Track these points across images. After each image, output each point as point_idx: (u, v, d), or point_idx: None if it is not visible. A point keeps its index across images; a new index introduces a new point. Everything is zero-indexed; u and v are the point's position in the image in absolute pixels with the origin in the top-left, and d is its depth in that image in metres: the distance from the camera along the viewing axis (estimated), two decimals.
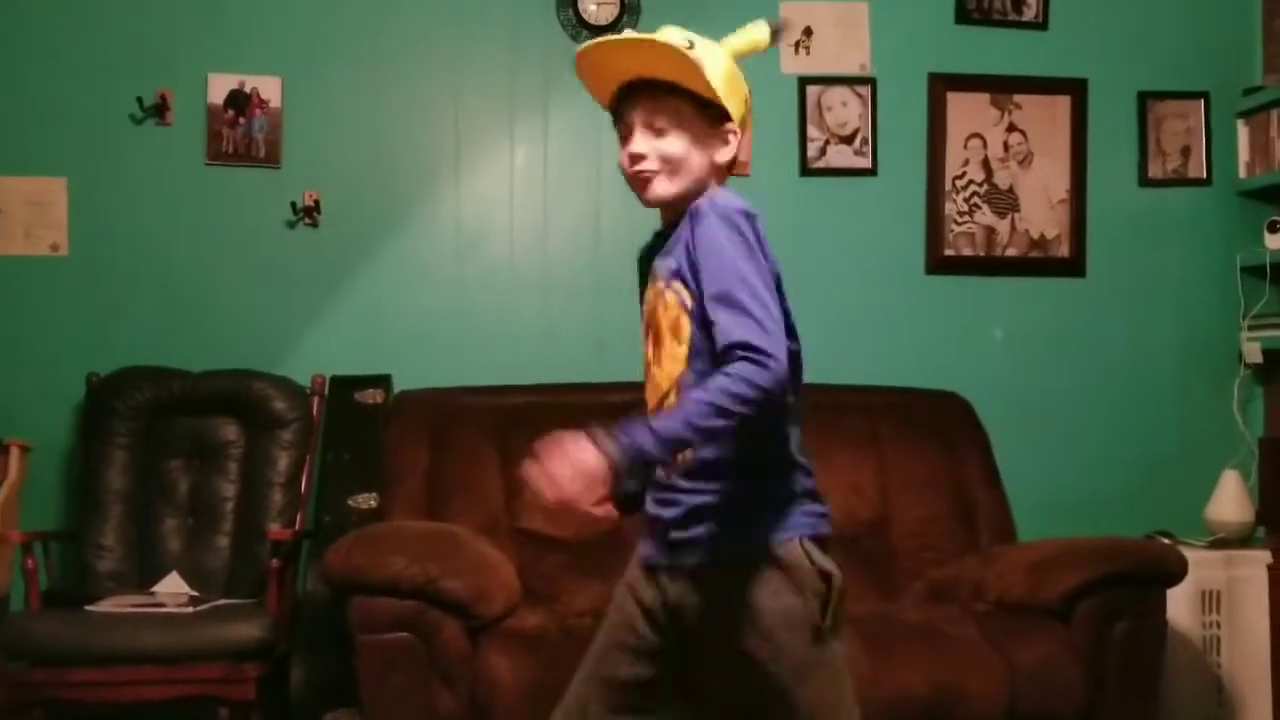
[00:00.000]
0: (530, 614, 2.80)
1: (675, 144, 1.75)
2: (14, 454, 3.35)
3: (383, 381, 3.52)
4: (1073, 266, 3.90)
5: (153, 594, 3.16)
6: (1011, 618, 2.83)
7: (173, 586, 3.21)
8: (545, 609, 2.90)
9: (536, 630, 2.70)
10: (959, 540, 3.30)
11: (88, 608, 2.98)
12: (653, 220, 1.94)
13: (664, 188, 1.78)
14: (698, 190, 1.78)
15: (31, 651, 2.87)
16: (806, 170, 3.83)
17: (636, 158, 1.76)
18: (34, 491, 3.42)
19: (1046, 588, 2.83)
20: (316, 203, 3.59)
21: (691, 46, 1.70)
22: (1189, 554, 2.99)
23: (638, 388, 3.51)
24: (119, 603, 3.03)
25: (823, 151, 3.84)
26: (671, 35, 1.71)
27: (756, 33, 1.78)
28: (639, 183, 1.79)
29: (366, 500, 3.33)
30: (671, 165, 1.76)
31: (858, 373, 3.70)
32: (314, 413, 3.45)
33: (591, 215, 3.76)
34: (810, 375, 3.80)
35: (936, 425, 3.53)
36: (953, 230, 3.87)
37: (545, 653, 2.58)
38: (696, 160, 1.77)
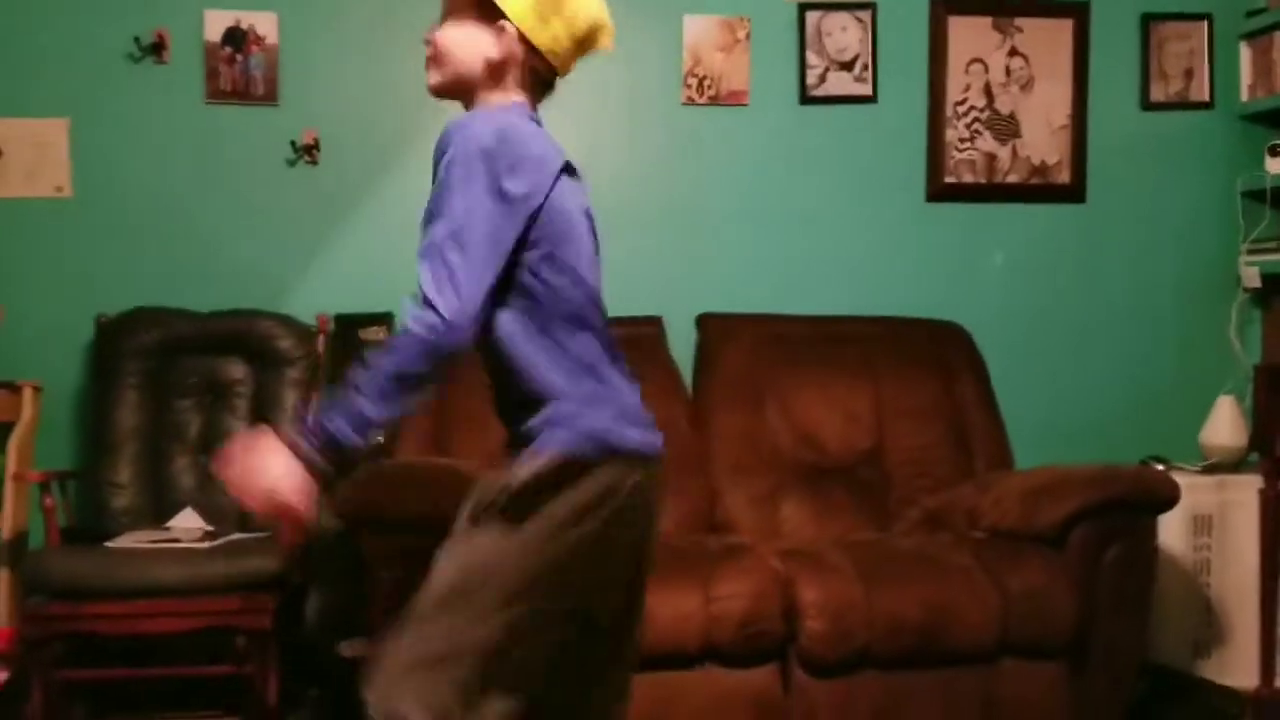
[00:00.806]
0: None
1: (446, 32, 1.76)
2: (26, 394, 3.41)
3: (386, 319, 3.55)
4: (1073, 193, 3.90)
5: (168, 529, 3.23)
6: (1005, 545, 2.89)
7: (187, 522, 3.28)
8: None
9: None
10: (954, 468, 3.36)
11: (106, 544, 3.06)
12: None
13: (433, 77, 1.79)
14: (468, 88, 1.78)
15: (51, 586, 2.94)
16: (806, 98, 3.81)
17: (425, 43, 1.79)
18: (48, 431, 3.48)
19: (1040, 515, 2.89)
20: (316, 141, 3.59)
21: None
22: (1182, 478, 3.05)
23: (638, 322, 3.58)
24: (136, 538, 3.10)
25: (822, 78, 3.82)
26: None
27: None
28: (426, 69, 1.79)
29: (374, 435, 3.38)
30: (439, 55, 1.77)
31: (857, 302, 3.74)
32: (319, 351, 3.50)
33: (589, 146, 3.74)
34: (812, 304, 3.88)
35: (934, 354, 3.57)
36: (953, 157, 3.87)
37: None
38: (463, 53, 1.75)
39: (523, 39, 1.75)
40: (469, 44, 1.75)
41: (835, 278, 3.80)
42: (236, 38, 3.55)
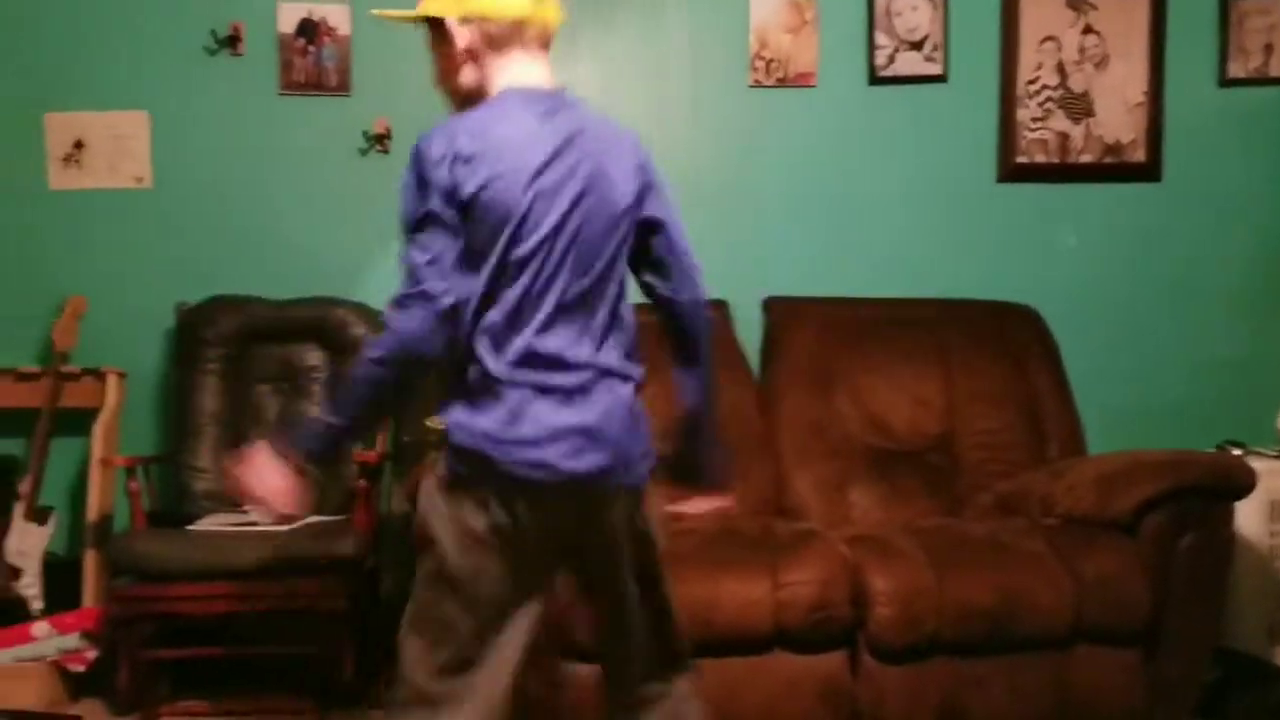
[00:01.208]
0: None
1: (433, 68, 1.94)
2: (111, 381, 3.52)
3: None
4: (1148, 171, 3.82)
5: (246, 512, 3.31)
6: (1079, 531, 2.85)
7: None
8: None
9: None
10: (1027, 453, 3.33)
11: (188, 527, 3.14)
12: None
13: (450, 106, 1.96)
14: (470, 97, 1.91)
15: (137, 568, 3.03)
16: (875, 79, 3.78)
17: None
18: (131, 417, 3.59)
19: (1114, 501, 2.85)
20: (387, 130, 3.64)
21: None
22: (1259, 463, 2.99)
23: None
24: (216, 521, 3.19)
25: (892, 59, 3.78)
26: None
27: None
28: None
29: (441, 422, 3.43)
30: (441, 88, 1.96)
31: (926, 285, 3.71)
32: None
33: (655, 130, 3.74)
34: (882, 288, 3.86)
35: (1005, 337, 3.53)
36: (1025, 137, 3.81)
37: None
38: (444, 75, 1.93)
39: (465, 23, 1.87)
40: (443, 64, 1.91)
41: (904, 260, 3.77)
42: (309, 29, 3.61)
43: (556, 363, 1.82)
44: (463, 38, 1.87)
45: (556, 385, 1.81)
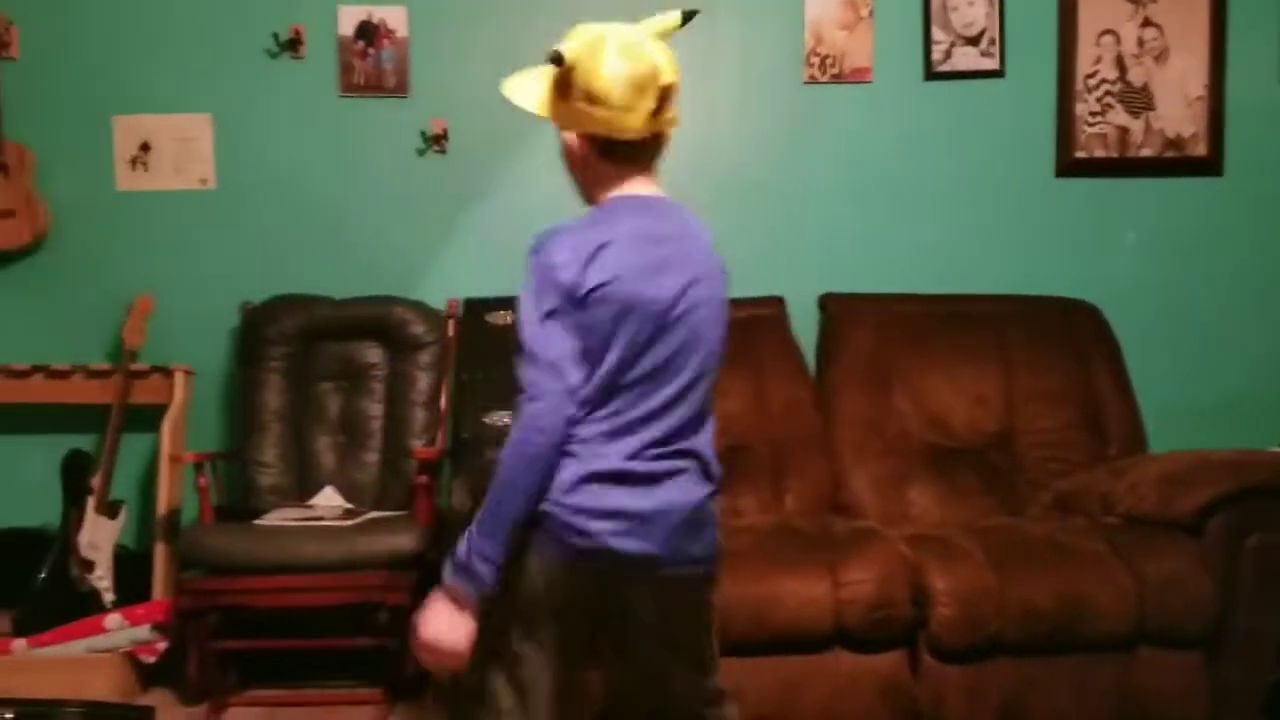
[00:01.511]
0: None
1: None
2: (179, 378, 3.59)
3: (511, 303, 3.63)
4: (1210, 166, 3.78)
5: (311, 507, 3.38)
6: (1141, 531, 2.84)
7: (328, 500, 3.42)
8: None
9: None
10: (1087, 452, 3.31)
11: (255, 521, 3.21)
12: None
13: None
14: (584, 196, 1.98)
15: (206, 562, 3.09)
16: (931, 74, 3.77)
17: None
18: (198, 413, 3.67)
19: (1177, 502, 2.84)
20: (445, 131, 3.68)
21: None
22: None
23: (760, 303, 3.60)
24: (282, 516, 3.25)
25: (948, 54, 3.76)
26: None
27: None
28: None
29: (500, 418, 3.48)
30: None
31: (984, 281, 3.69)
32: (449, 335, 3.60)
33: (710, 128, 3.77)
34: (939, 284, 3.86)
35: (1065, 334, 3.51)
36: (1084, 131, 3.78)
37: None
38: (568, 166, 1.96)
39: (582, 138, 1.89)
40: (567, 156, 1.95)
41: (961, 256, 3.76)
42: (368, 32, 3.66)
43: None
44: (573, 153, 1.91)
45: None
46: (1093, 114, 3.78)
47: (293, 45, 3.66)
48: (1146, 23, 3.77)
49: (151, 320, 3.60)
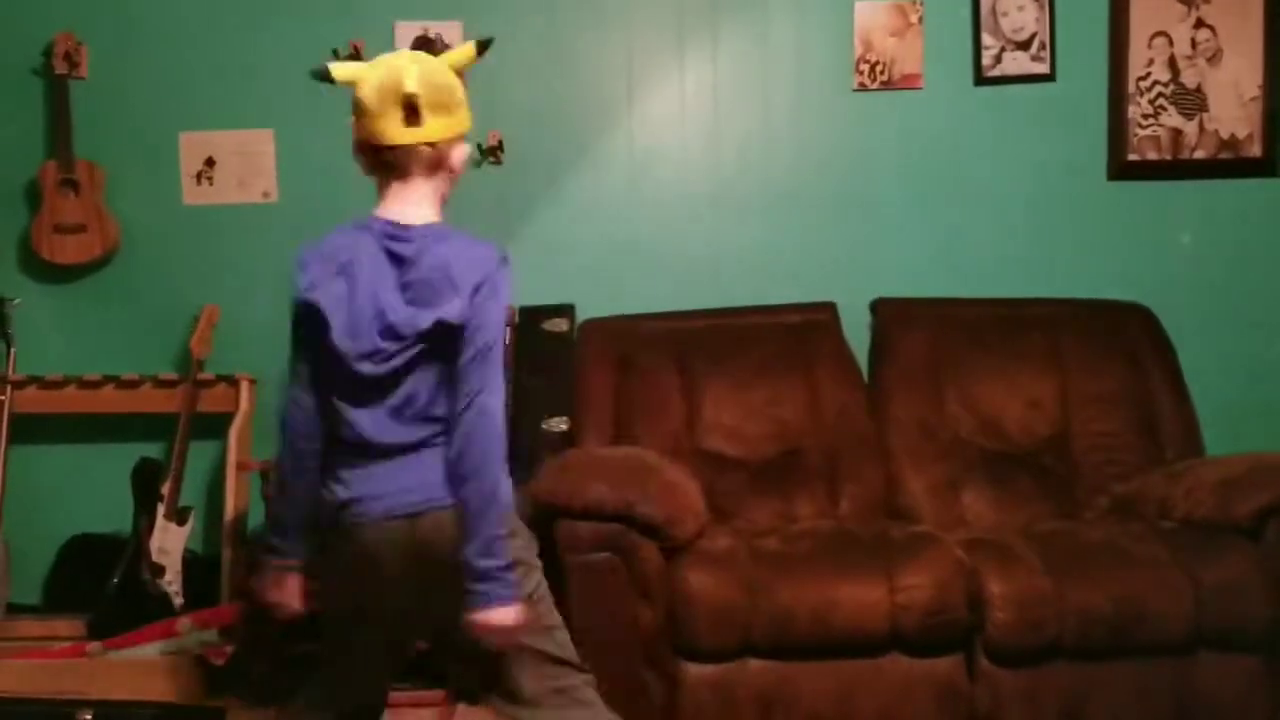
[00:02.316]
0: (719, 535, 2.95)
1: None
2: (244, 387, 3.68)
3: (567, 310, 3.70)
4: (1265, 167, 3.76)
5: None
6: (1199, 536, 2.83)
7: None
8: (729, 528, 3.06)
9: (727, 551, 2.84)
10: (1143, 455, 3.30)
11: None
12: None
13: None
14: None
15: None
16: (981, 79, 3.77)
17: None
18: (263, 421, 3.75)
19: (1235, 505, 2.83)
20: (500, 142, 3.75)
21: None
22: None
23: (812, 308, 3.64)
24: None
25: (998, 59, 3.77)
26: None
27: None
28: None
29: (558, 424, 3.53)
30: None
31: (1036, 286, 3.70)
32: (505, 342, 3.65)
33: (761, 136, 3.81)
34: (990, 288, 3.85)
35: (1119, 337, 3.51)
36: (1137, 134, 3.77)
37: (736, 571, 2.74)
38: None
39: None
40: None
41: (1014, 261, 3.77)
42: (425, 46, 3.72)
43: None
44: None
45: None
46: (1145, 116, 3.77)
47: (352, 61, 3.74)
48: (1199, 24, 3.75)
49: (217, 331, 3.70)
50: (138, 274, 3.81)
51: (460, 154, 2.17)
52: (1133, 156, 3.77)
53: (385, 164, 2.13)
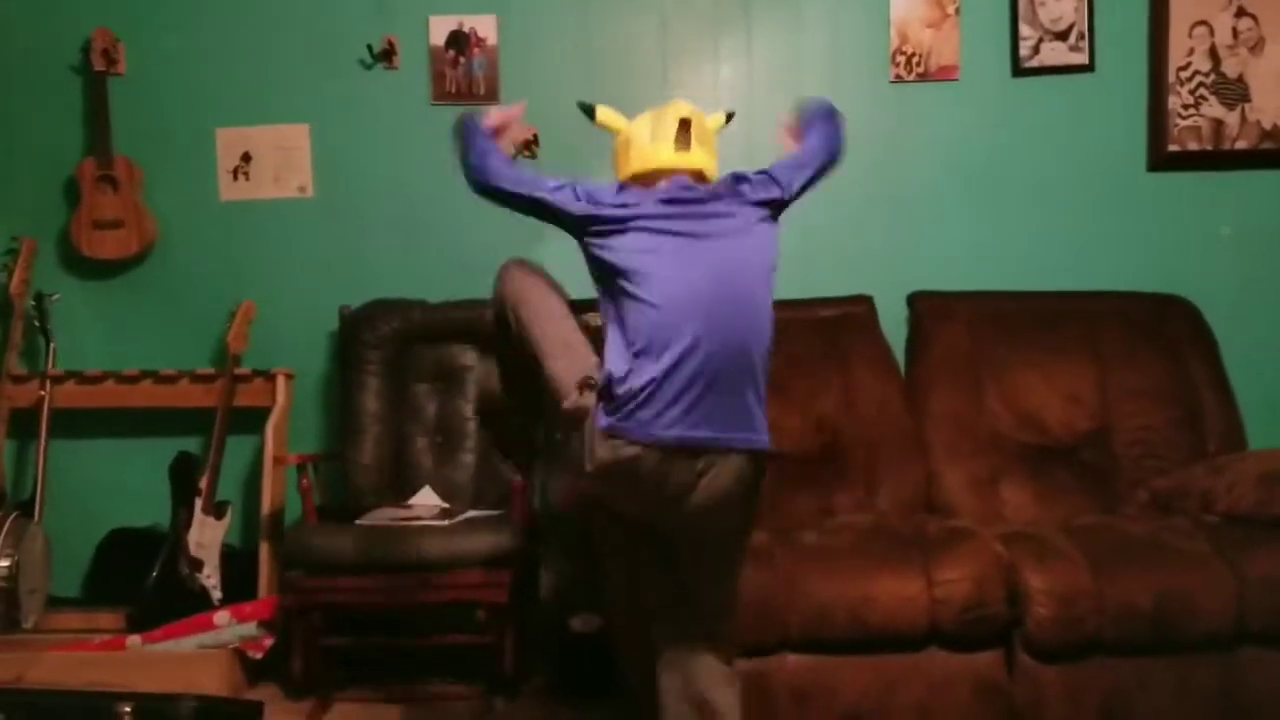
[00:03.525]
0: (756, 529, 2.92)
1: None
2: (280, 382, 3.71)
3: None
4: None
5: (409, 506, 3.45)
6: (1241, 530, 2.80)
7: (426, 499, 3.50)
8: (767, 522, 3.03)
9: (764, 545, 2.81)
10: (1184, 449, 3.27)
11: (357, 521, 3.29)
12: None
13: None
14: None
15: (310, 561, 3.17)
16: (1019, 70, 3.74)
17: None
18: (299, 415, 3.78)
19: (1279, 500, 2.79)
20: (535, 136, 3.75)
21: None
22: None
23: (849, 302, 3.61)
24: (382, 516, 3.33)
25: (1036, 50, 3.74)
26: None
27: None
28: None
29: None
30: None
31: (1075, 278, 3.67)
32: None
33: None
34: (1029, 281, 3.82)
35: (1160, 330, 3.47)
36: (1177, 125, 3.73)
37: (773, 565, 2.72)
38: None
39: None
40: None
41: (1052, 253, 3.73)
42: (459, 41, 3.73)
43: None
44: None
45: None
46: (1186, 107, 3.72)
47: (386, 56, 3.76)
48: (1240, 13, 3.70)
49: (254, 326, 3.73)
50: (175, 269, 3.84)
51: None
52: (1173, 147, 3.73)
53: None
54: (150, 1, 3.81)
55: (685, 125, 2.28)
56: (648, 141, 2.32)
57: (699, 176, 2.34)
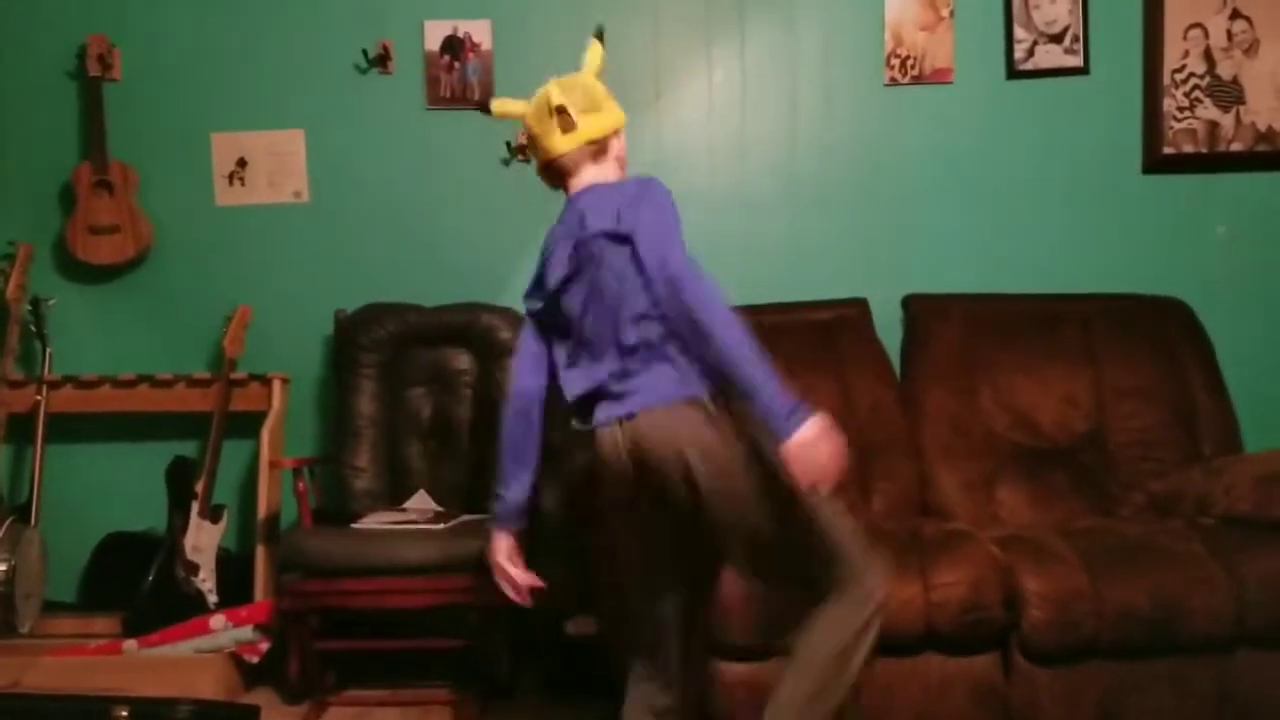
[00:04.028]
0: None
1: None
2: (276, 386, 3.71)
3: None
4: None
5: (404, 510, 3.45)
6: (1238, 532, 2.79)
7: (421, 503, 3.50)
8: None
9: None
10: (1180, 451, 3.26)
11: (353, 525, 3.29)
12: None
13: None
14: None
15: (306, 565, 3.17)
16: (1014, 73, 3.75)
17: None
18: (295, 419, 3.78)
19: (1276, 502, 2.79)
20: (530, 139, 3.74)
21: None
22: None
23: (843, 305, 3.61)
24: (377, 519, 3.33)
25: (1030, 52, 3.74)
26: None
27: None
28: None
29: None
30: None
31: (1071, 280, 3.67)
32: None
33: (789, 131, 3.80)
34: (1023, 284, 3.83)
35: (1155, 332, 3.47)
36: (1172, 127, 3.73)
37: None
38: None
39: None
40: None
41: (1047, 255, 3.74)
42: (454, 46, 3.74)
43: None
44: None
45: None
46: (1181, 109, 3.73)
47: (381, 61, 3.76)
48: (1235, 15, 3.71)
49: (250, 330, 3.73)
50: (171, 274, 3.84)
51: (620, 144, 2.39)
52: (1168, 150, 3.73)
53: (561, 172, 2.36)
54: (145, 7, 3.81)
55: (562, 111, 2.29)
56: (541, 135, 2.35)
57: (597, 144, 2.34)
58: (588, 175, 2.34)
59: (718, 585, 2.42)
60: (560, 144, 2.31)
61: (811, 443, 2.02)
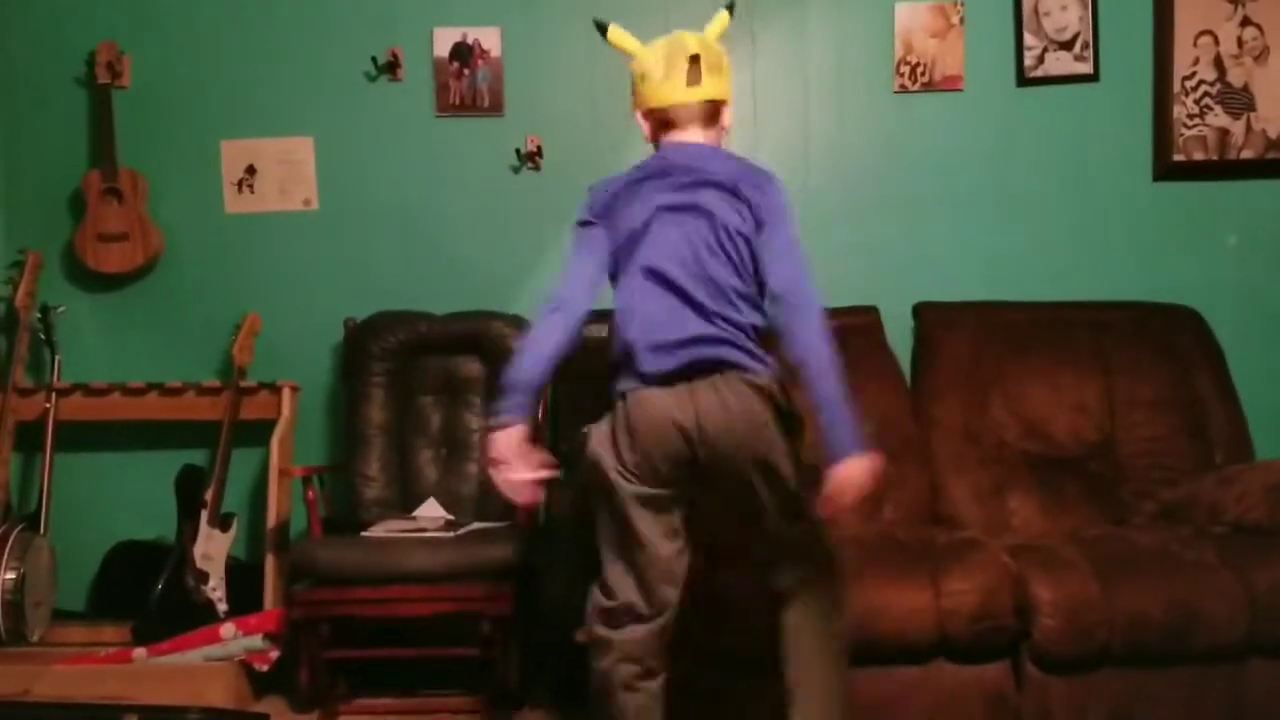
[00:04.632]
0: None
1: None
2: (286, 394, 3.70)
3: (606, 316, 3.67)
4: None
5: (414, 518, 3.45)
6: (1250, 541, 2.79)
7: (431, 511, 3.49)
8: None
9: None
10: (1192, 460, 3.26)
11: (363, 534, 3.29)
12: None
13: None
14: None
15: (315, 573, 3.16)
16: (1024, 80, 3.74)
17: None
18: (305, 427, 3.78)
19: None
20: (539, 148, 3.75)
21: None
22: None
23: (854, 312, 3.60)
24: (387, 528, 3.33)
25: (1040, 59, 3.74)
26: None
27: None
28: None
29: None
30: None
31: (1081, 288, 3.66)
32: None
33: (801, 138, 3.79)
34: (1034, 292, 3.83)
35: (1166, 340, 3.46)
36: (1182, 134, 3.73)
37: None
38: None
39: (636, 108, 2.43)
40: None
41: (1058, 263, 3.73)
42: (463, 53, 3.74)
43: None
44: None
45: None
46: (1191, 116, 3.72)
47: (391, 68, 3.76)
48: (1246, 22, 3.71)
49: (259, 338, 3.73)
50: (180, 282, 3.84)
51: (729, 115, 2.39)
52: (1178, 157, 3.73)
53: (667, 123, 2.35)
54: (154, 14, 3.82)
55: (695, 60, 2.29)
56: (660, 79, 2.32)
57: (713, 106, 2.35)
58: (694, 135, 2.35)
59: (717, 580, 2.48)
60: (683, 94, 2.31)
61: (865, 468, 2.16)
